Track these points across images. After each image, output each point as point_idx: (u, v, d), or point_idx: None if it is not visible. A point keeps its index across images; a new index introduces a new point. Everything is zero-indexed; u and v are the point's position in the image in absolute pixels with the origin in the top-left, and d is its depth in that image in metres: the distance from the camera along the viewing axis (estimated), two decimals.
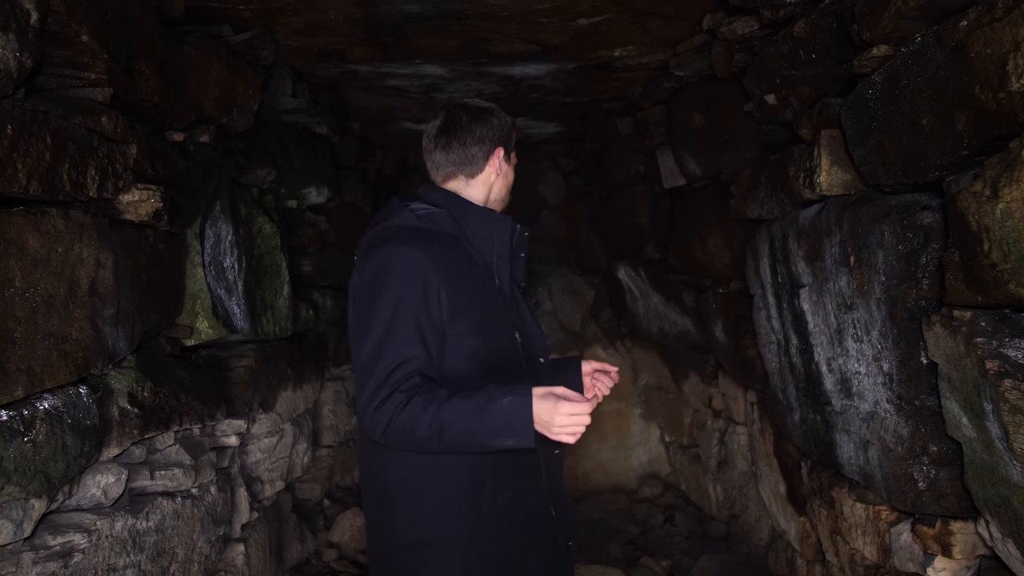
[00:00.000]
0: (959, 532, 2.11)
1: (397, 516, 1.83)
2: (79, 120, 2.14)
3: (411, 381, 1.66)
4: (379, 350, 1.68)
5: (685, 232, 4.23)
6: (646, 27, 3.22)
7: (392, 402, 1.64)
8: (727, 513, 4.39)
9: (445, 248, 1.80)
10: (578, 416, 1.58)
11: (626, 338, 5.88)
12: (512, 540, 1.84)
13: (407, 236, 1.77)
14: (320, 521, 4.40)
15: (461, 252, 1.83)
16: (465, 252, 1.84)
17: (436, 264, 1.73)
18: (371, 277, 1.75)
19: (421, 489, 1.80)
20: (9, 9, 1.80)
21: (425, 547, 1.80)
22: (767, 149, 3.17)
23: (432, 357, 1.71)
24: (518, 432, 1.59)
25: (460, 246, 1.84)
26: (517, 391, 1.62)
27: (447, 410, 1.61)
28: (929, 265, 2.10)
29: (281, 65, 3.57)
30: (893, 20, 1.97)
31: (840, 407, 2.61)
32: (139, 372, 2.52)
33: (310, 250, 4.29)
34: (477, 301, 1.80)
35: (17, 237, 1.97)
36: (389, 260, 1.74)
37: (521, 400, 1.59)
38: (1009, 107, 1.60)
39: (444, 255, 1.77)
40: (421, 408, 1.61)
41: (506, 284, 1.89)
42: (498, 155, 1.92)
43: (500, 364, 1.81)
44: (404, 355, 1.67)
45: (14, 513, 2.00)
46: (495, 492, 1.81)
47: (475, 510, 1.79)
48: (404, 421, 1.63)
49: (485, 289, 1.84)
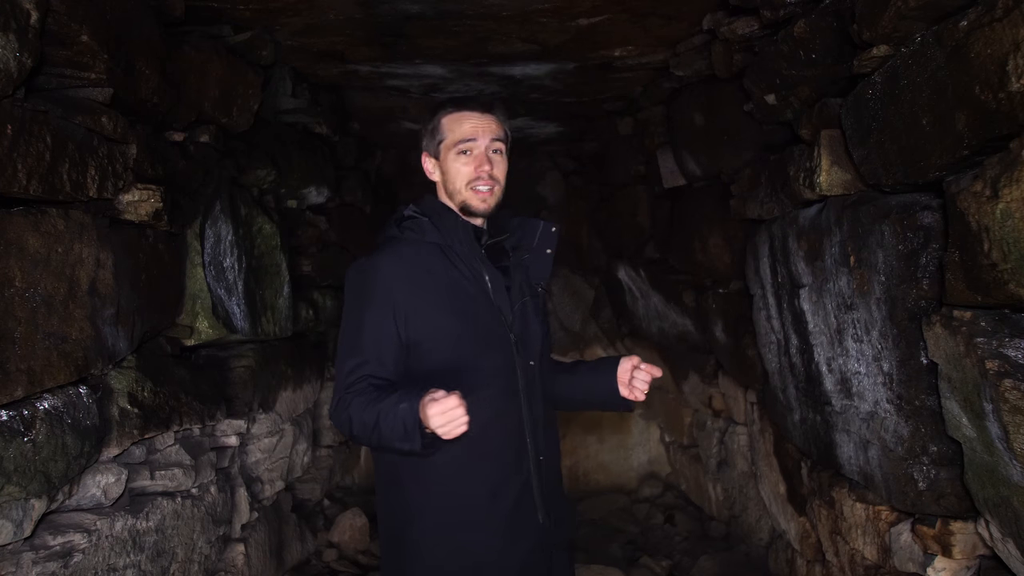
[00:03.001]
0: (959, 532, 2.11)
1: (380, 512, 1.96)
2: (79, 120, 2.14)
3: (358, 385, 1.77)
4: (342, 360, 1.83)
5: (685, 232, 4.23)
6: (646, 27, 3.22)
7: (342, 405, 1.77)
8: (727, 513, 4.39)
9: (418, 258, 1.84)
10: (448, 414, 1.56)
11: (626, 338, 5.88)
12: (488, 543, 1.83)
13: (378, 250, 1.88)
14: (320, 521, 4.40)
15: (438, 259, 1.85)
16: (443, 259, 1.85)
17: (398, 276, 1.81)
18: (345, 291, 1.89)
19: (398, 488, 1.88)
20: (9, 9, 1.80)
21: (398, 544, 1.88)
22: (767, 149, 3.17)
23: (386, 363, 1.79)
24: (408, 437, 1.65)
25: (439, 253, 1.85)
26: (410, 397, 1.64)
27: (368, 413, 1.70)
28: (929, 265, 2.10)
29: (281, 65, 3.57)
30: (893, 20, 1.97)
31: (840, 407, 2.61)
32: (139, 372, 2.52)
33: (310, 250, 4.29)
34: (449, 307, 1.81)
35: (17, 237, 1.97)
36: (356, 275, 1.87)
37: (410, 407, 1.63)
38: (1009, 107, 1.60)
39: (410, 266, 1.83)
40: (356, 409, 1.73)
41: (498, 286, 1.85)
42: (425, 160, 1.95)
43: (476, 368, 1.81)
44: (357, 362, 1.79)
45: (14, 513, 2.00)
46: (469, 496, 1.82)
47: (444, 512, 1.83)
48: (343, 421, 1.76)
49: (464, 294, 1.83)
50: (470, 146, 1.86)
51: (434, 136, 1.90)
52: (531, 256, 1.96)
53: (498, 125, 1.90)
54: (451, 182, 1.88)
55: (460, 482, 1.81)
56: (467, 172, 1.85)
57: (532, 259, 1.96)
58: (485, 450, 1.81)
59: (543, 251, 1.97)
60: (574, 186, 6.48)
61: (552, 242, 1.98)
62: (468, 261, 1.85)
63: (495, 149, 1.88)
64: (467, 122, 1.86)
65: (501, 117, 1.91)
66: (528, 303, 1.91)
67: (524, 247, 1.96)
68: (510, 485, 1.84)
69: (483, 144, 1.86)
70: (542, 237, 1.97)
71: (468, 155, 1.86)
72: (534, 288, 1.95)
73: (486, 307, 1.84)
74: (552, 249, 1.98)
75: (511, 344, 1.85)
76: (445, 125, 1.88)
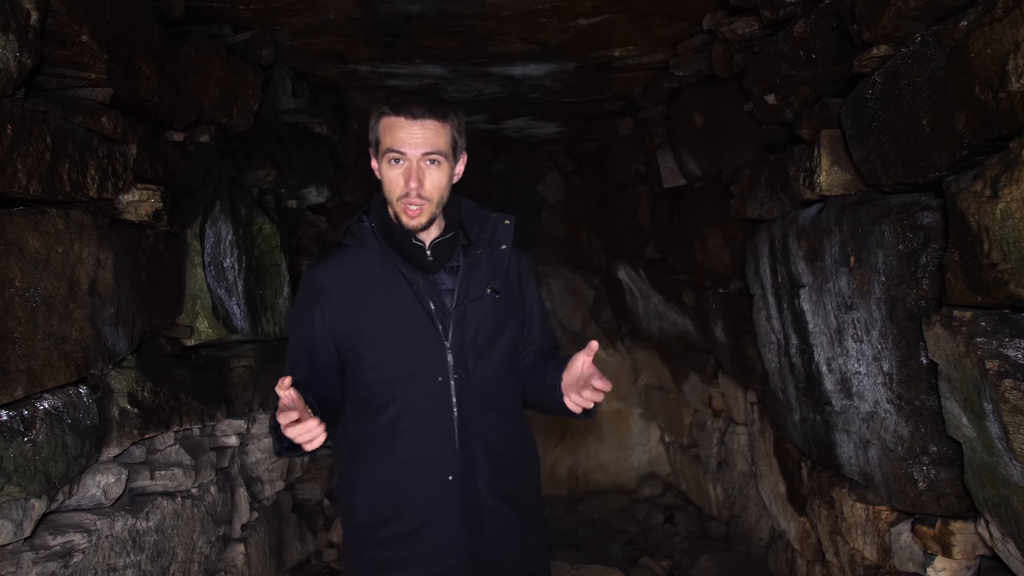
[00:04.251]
0: (959, 532, 2.11)
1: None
2: (79, 120, 2.14)
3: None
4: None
5: (685, 232, 4.23)
6: (646, 27, 3.22)
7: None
8: (727, 513, 4.39)
9: (355, 264, 1.83)
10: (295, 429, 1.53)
11: (626, 338, 5.88)
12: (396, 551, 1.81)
13: (316, 261, 1.91)
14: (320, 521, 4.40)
15: (375, 265, 1.81)
16: (380, 264, 1.81)
17: (325, 285, 1.83)
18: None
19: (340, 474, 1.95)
20: (9, 9, 1.80)
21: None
22: (767, 149, 3.17)
23: (313, 368, 1.83)
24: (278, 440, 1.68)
25: (377, 258, 1.82)
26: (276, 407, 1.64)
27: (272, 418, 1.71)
28: (929, 265, 2.10)
29: (281, 65, 3.57)
30: (893, 20, 1.97)
31: (840, 407, 2.61)
32: (139, 372, 2.52)
33: (310, 250, 4.29)
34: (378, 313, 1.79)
35: (17, 237, 1.97)
36: (301, 282, 1.91)
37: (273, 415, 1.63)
38: (1009, 107, 1.60)
39: (345, 272, 1.83)
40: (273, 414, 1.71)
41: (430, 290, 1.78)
42: (372, 158, 1.83)
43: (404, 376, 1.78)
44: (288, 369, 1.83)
45: (14, 513, 2.00)
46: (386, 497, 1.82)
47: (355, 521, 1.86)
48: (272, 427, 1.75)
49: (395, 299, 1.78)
50: (398, 156, 1.71)
51: (372, 135, 1.78)
52: (484, 252, 1.86)
53: (436, 134, 1.72)
54: (385, 190, 1.77)
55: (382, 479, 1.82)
56: (398, 185, 1.73)
57: (486, 256, 1.86)
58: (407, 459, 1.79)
59: (497, 247, 1.87)
60: (574, 186, 6.48)
61: (507, 237, 1.88)
62: (402, 266, 1.79)
63: (431, 160, 1.72)
64: (399, 131, 1.71)
65: (445, 119, 1.74)
66: (471, 305, 1.81)
67: (478, 243, 1.86)
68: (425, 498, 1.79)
69: (414, 156, 1.70)
70: (495, 232, 1.88)
71: (399, 164, 1.72)
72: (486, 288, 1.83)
73: (416, 312, 1.78)
74: (507, 244, 1.87)
75: (444, 350, 1.77)
76: (380, 128, 1.75)
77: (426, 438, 1.79)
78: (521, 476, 1.92)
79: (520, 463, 1.92)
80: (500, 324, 1.86)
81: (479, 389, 1.82)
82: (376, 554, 1.82)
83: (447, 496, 1.79)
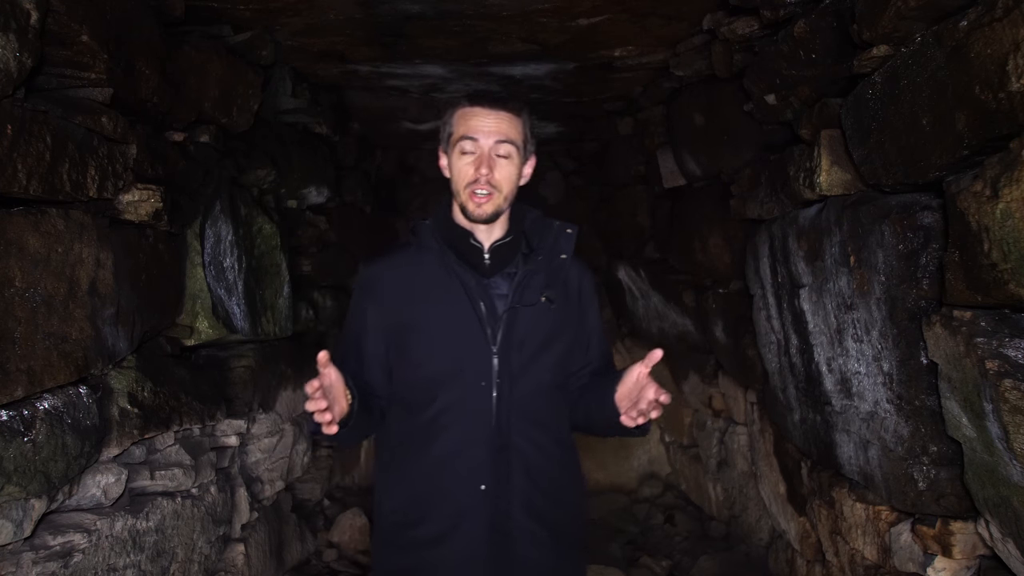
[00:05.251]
0: (959, 532, 2.11)
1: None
2: (79, 120, 2.14)
3: None
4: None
5: (685, 232, 4.23)
6: (646, 27, 3.22)
7: None
8: (727, 513, 4.39)
9: (411, 264, 1.80)
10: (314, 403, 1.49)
11: (626, 338, 5.88)
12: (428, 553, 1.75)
13: (373, 258, 1.88)
14: (320, 521, 4.40)
15: (431, 266, 1.78)
16: (436, 265, 1.77)
17: (377, 281, 1.81)
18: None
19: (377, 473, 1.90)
20: (9, 9, 1.80)
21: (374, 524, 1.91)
22: (767, 149, 3.17)
23: (362, 364, 1.79)
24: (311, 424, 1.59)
25: (434, 259, 1.78)
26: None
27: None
28: (929, 265, 2.10)
29: (281, 65, 3.57)
30: (893, 20, 1.97)
31: (840, 407, 2.61)
32: (139, 372, 2.52)
33: (310, 250, 4.29)
34: (427, 315, 1.75)
35: (17, 237, 1.97)
36: (357, 278, 1.90)
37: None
38: (1009, 107, 1.60)
39: (392, 271, 1.81)
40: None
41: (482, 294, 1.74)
42: (440, 157, 1.83)
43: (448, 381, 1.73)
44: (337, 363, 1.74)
45: (14, 513, 2.00)
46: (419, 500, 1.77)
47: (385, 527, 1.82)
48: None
49: (447, 302, 1.75)
50: (471, 145, 1.72)
51: (445, 130, 1.79)
52: (544, 260, 1.82)
53: (510, 125, 1.74)
54: (454, 181, 1.77)
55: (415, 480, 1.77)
56: (467, 173, 1.72)
57: (545, 264, 1.82)
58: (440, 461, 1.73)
59: (557, 256, 1.83)
60: (574, 186, 6.48)
61: (568, 247, 1.85)
62: (458, 268, 1.76)
63: (502, 152, 1.72)
64: (473, 118, 1.73)
65: (519, 115, 1.76)
66: (523, 311, 1.75)
67: (539, 251, 1.83)
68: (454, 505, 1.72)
69: (487, 144, 1.72)
70: (557, 240, 1.85)
71: (470, 155, 1.73)
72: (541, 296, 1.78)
73: (465, 312, 1.73)
74: (568, 254, 1.85)
75: (490, 354, 1.72)
76: (455, 119, 1.76)
77: (461, 442, 1.72)
78: (561, 498, 1.80)
79: (561, 484, 1.81)
80: (551, 335, 1.79)
81: (522, 399, 1.74)
82: (401, 559, 1.77)
83: (475, 505, 1.71)
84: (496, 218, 1.77)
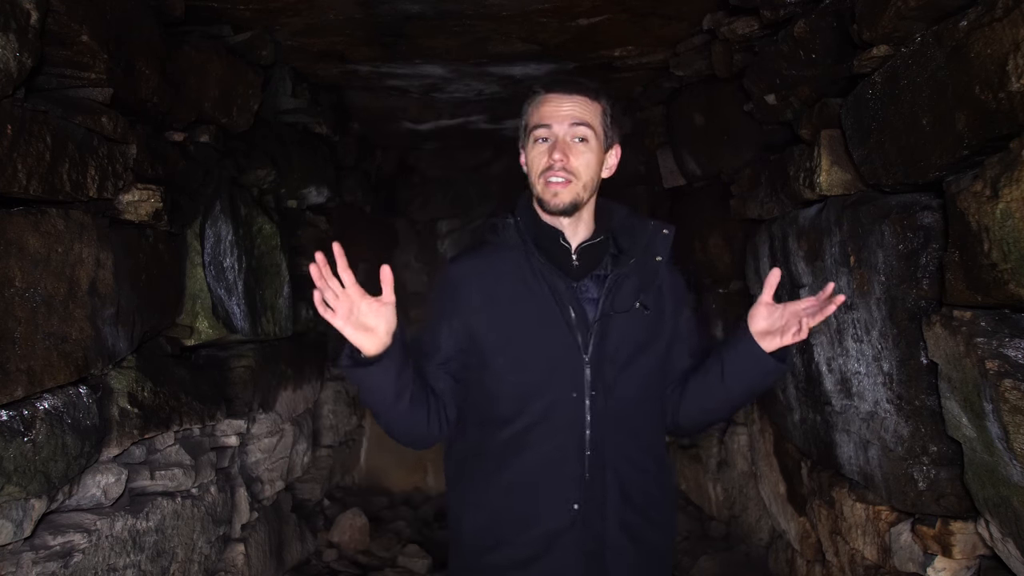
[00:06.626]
0: (959, 532, 2.11)
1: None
2: (79, 120, 2.14)
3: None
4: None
5: (685, 232, 4.23)
6: (646, 27, 3.22)
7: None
8: (727, 513, 4.39)
9: (493, 264, 1.68)
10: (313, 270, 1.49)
11: None
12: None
13: (458, 256, 1.77)
14: (320, 521, 4.40)
15: (514, 265, 1.65)
16: (520, 265, 1.65)
17: (460, 282, 1.68)
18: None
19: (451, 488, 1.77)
20: (9, 9, 1.80)
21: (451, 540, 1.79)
22: (767, 149, 3.17)
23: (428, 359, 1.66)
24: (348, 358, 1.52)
25: (517, 258, 1.66)
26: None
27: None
28: (929, 265, 2.10)
29: (281, 65, 3.57)
30: (893, 20, 1.97)
31: (840, 407, 2.61)
32: (139, 372, 2.52)
33: (310, 250, 4.29)
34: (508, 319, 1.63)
35: (17, 237, 1.96)
36: (437, 277, 1.79)
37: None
38: (1009, 107, 1.60)
39: (481, 273, 1.67)
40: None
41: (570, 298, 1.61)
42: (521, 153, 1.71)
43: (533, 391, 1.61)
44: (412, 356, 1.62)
45: (14, 513, 2.00)
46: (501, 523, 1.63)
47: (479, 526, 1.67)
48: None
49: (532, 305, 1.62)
50: (545, 132, 1.61)
51: (523, 123, 1.68)
52: (637, 263, 1.67)
53: (585, 108, 1.61)
54: (529, 172, 1.65)
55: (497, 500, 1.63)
56: (541, 161, 1.61)
57: (638, 266, 1.67)
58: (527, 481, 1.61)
59: (652, 258, 1.69)
60: None
61: (663, 248, 1.69)
62: (544, 268, 1.63)
63: (578, 136, 1.60)
64: (546, 105, 1.62)
65: (596, 99, 1.64)
66: (616, 318, 1.62)
67: (631, 252, 1.68)
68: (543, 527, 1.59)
69: (560, 130, 1.59)
70: (651, 241, 1.70)
71: (544, 142, 1.61)
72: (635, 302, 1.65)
73: (554, 319, 1.61)
74: (664, 256, 1.69)
75: (582, 364, 1.60)
76: (529, 110, 1.66)
77: (551, 460, 1.59)
78: (656, 516, 1.69)
79: (656, 501, 1.69)
80: (647, 342, 1.67)
81: (618, 411, 1.62)
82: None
83: (568, 527, 1.58)
84: (575, 209, 1.63)
